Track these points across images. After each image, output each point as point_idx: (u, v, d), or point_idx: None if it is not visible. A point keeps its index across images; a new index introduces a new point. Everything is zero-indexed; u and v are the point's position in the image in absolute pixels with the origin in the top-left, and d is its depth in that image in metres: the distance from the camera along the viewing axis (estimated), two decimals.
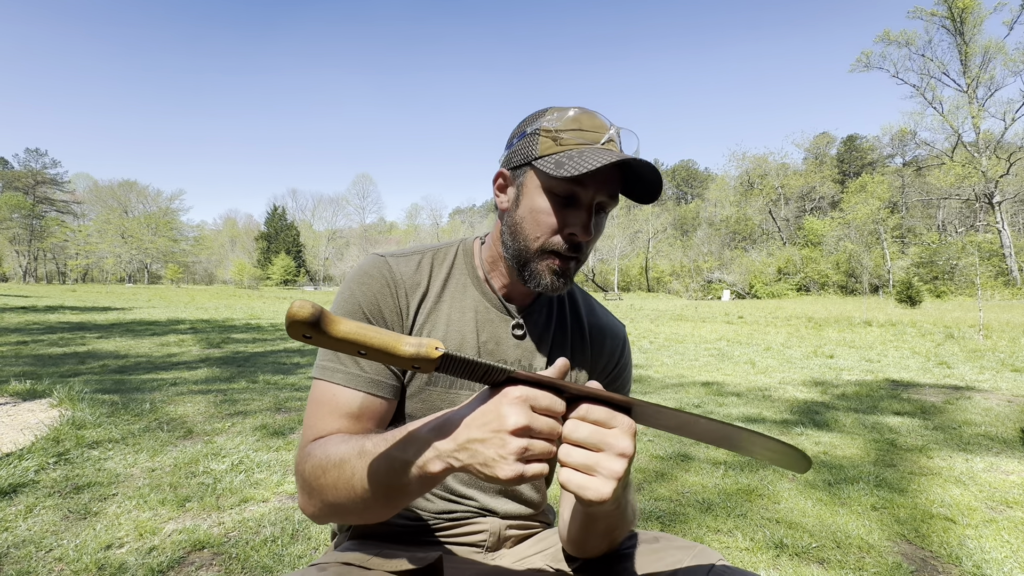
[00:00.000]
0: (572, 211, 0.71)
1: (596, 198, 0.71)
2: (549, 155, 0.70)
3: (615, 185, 0.72)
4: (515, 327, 0.82)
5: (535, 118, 0.74)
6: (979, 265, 33.83)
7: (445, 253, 0.84)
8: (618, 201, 0.74)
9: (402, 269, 0.78)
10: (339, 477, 0.59)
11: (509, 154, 0.77)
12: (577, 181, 0.69)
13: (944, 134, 42.63)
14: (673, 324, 13.43)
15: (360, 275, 0.77)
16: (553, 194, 0.71)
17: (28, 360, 5.66)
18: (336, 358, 0.72)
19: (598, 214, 0.73)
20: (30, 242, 64.37)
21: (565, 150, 0.70)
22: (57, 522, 1.93)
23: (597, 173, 0.68)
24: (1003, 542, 1.91)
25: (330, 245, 74.33)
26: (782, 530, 1.99)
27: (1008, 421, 3.66)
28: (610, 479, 0.46)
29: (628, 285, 59.86)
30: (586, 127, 0.71)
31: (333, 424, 0.69)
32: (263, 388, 4.49)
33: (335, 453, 0.61)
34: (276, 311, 16.37)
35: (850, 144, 60.56)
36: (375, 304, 0.75)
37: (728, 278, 46.49)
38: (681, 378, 5.48)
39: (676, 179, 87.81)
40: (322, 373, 0.72)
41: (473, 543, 0.82)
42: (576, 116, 0.72)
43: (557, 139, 0.70)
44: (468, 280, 0.83)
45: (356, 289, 0.75)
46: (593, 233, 0.72)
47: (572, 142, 0.70)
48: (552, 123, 0.72)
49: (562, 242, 0.72)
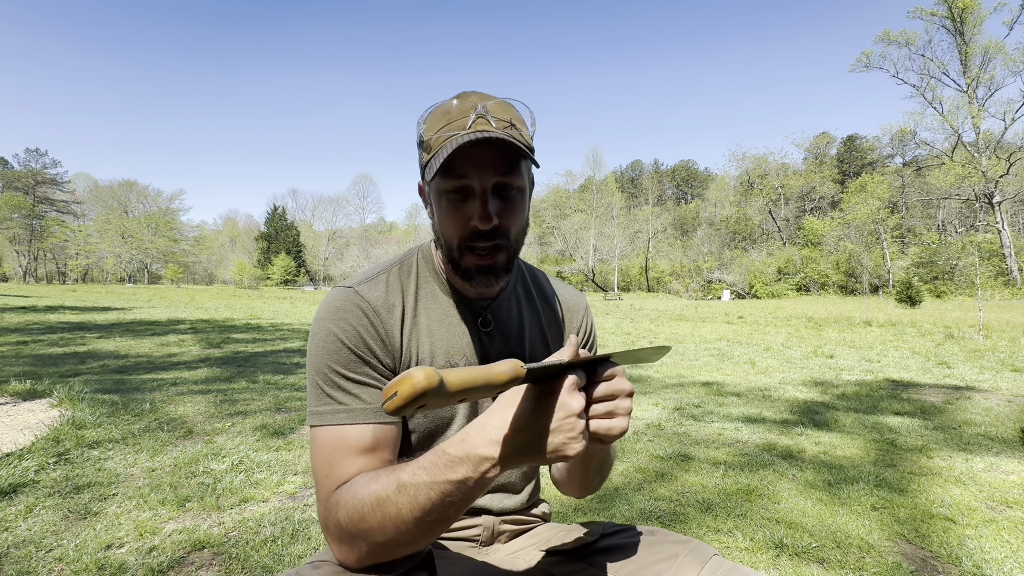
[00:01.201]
0: (469, 203, 0.71)
1: (486, 182, 0.69)
2: (429, 161, 0.71)
3: (501, 163, 0.69)
4: (482, 322, 0.83)
5: (418, 126, 0.75)
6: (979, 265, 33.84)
7: (408, 265, 0.84)
8: (519, 174, 0.72)
9: (373, 295, 0.77)
10: (384, 517, 0.58)
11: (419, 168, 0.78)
12: (458, 175, 0.68)
13: (944, 134, 42.70)
14: (673, 324, 13.43)
15: (333, 312, 0.73)
16: (446, 194, 0.71)
17: (28, 360, 5.66)
18: (331, 400, 0.69)
19: (501, 195, 0.71)
20: (30, 242, 64.38)
21: (436, 153, 0.69)
22: (57, 522, 1.93)
23: (475, 159, 0.68)
24: (1003, 542, 1.91)
25: (330, 245, 74.32)
26: (782, 530, 1.99)
27: (1008, 421, 3.66)
28: (627, 416, 0.58)
29: (628, 285, 59.85)
30: (454, 116, 0.70)
31: (351, 465, 0.66)
32: (263, 388, 4.49)
33: (369, 495, 0.60)
34: (276, 311, 16.38)
35: (850, 144, 60.59)
36: (358, 337, 0.72)
37: (728, 278, 46.49)
38: (681, 378, 5.48)
39: (676, 179, 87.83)
40: (324, 419, 0.69)
41: (467, 538, 0.83)
42: (445, 108, 0.71)
43: (429, 147, 0.71)
44: (435, 286, 0.83)
45: (334, 327, 0.72)
46: (500, 217, 0.71)
47: (441, 140, 0.69)
48: (423, 129, 0.73)
49: (472, 235, 0.71)
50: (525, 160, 0.73)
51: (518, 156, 0.70)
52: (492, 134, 0.66)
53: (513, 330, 0.85)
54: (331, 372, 0.71)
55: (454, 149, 0.65)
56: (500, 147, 0.69)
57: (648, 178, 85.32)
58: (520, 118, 0.74)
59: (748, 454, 2.92)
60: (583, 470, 0.78)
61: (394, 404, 0.44)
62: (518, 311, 0.87)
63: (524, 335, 0.86)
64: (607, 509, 2.19)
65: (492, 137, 0.66)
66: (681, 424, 3.57)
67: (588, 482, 0.81)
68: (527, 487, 0.89)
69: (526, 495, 0.88)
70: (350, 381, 0.71)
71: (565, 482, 0.83)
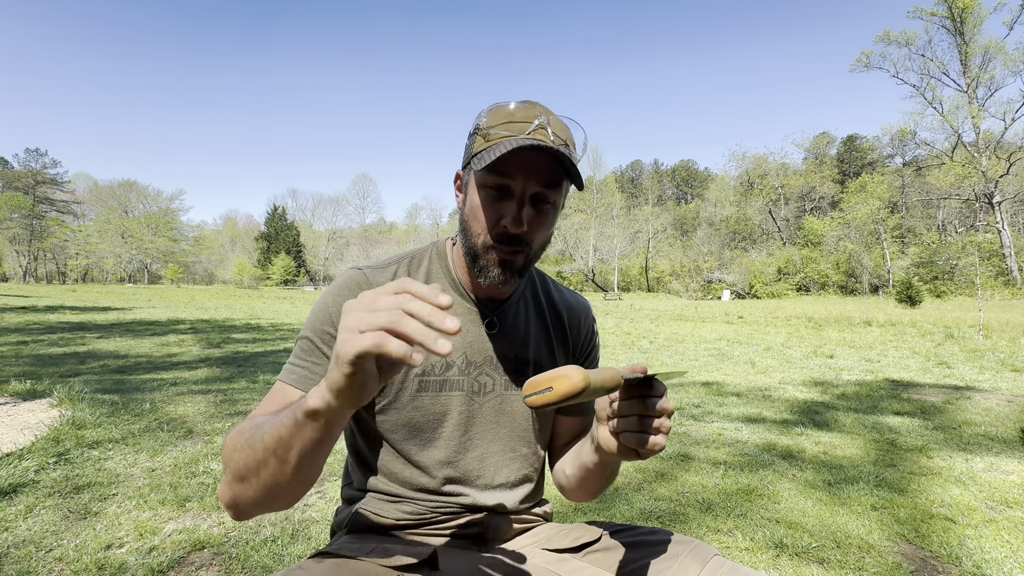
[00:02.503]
0: (505, 203, 0.72)
1: (528, 189, 0.71)
2: (480, 152, 0.72)
3: (547, 174, 0.71)
4: (488, 324, 0.84)
5: (478, 117, 0.76)
6: (979, 265, 33.84)
7: (420, 258, 0.86)
8: (559, 190, 0.74)
9: (379, 280, 0.79)
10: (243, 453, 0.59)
11: (464, 155, 0.80)
12: (504, 173, 0.70)
13: (944, 134, 42.66)
14: (673, 324, 13.43)
15: (337, 287, 0.77)
16: (487, 188, 0.73)
17: (28, 360, 5.66)
18: (296, 360, 0.74)
19: (537, 206, 0.73)
20: (30, 242, 64.35)
21: (492, 144, 0.71)
22: (57, 522, 1.93)
23: (524, 164, 0.70)
24: (1003, 542, 1.91)
25: (330, 245, 74.30)
26: (782, 530, 1.99)
27: (1008, 421, 3.66)
28: (667, 434, 0.61)
29: (628, 285, 59.83)
30: (517, 118, 0.71)
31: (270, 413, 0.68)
32: (263, 388, 4.49)
33: (243, 430, 0.62)
34: (276, 311, 16.37)
35: (850, 144, 60.58)
36: None
37: (728, 278, 46.48)
38: (681, 378, 5.48)
39: (676, 179, 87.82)
40: (281, 375, 0.74)
41: (469, 536, 0.83)
42: (510, 109, 0.72)
43: (487, 136, 0.72)
44: (445, 282, 0.84)
45: (330, 299, 0.76)
46: (529, 226, 0.72)
47: (499, 136, 0.71)
48: (483, 120, 0.74)
49: (499, 235, 0.73)
50: (566, 181, 0.75)
51: (564, 174, 0.73)
52: (549, 145, 0.67)
53: (519, 335, 0.86)
54: (307, 339, 0.75)
55: (510, 149, 0.67)
56: (551, 160, 0.71)
57: (648, 178, 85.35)
58: (574, 140, 0.76)
59: (748, 454, 2.92)
60: (602, 476, 0.78)
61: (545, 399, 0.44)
62: (525, 316, 0.88)
63: (529, 340, 0.87)
64: (607, 509, 2.19)
65: (548, 148, 0.68)
66: (681, 424, 3.57)
67: (601, 488, 0.82)
68: (530, 486, 0.89)
69: (528, 494, 0.88)
70: (318, 351, 0.74)
71: (578, 489, 0.84)
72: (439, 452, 0.81)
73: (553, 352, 0.90)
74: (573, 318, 0.93)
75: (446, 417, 0.81)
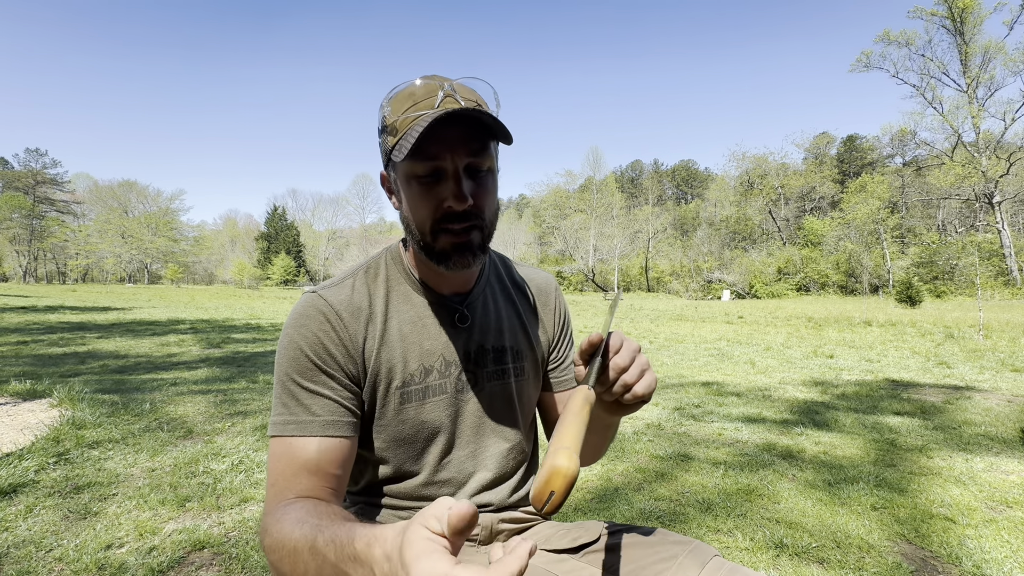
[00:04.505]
0: (441, 185, 0.69)
1: (459, 162, 0.68)
2: (396, 146, 0.69)
3: (472, 142, 0.68)
4: (459, 319, 0.82)
5: (380, 111, 0.73)
6: (979, 265, 33.81)
7: (376, 267, 0.82)
8: (489, 153, 0.71)
9: (337, 298, 0.76)
10: (293, 566, 0.59)
11: (381, 155, 0.77)
12: (429, 156, 0.67)
13: (944, 134, 42.61)
14: (673, 324, 13.43)
15: (296, 318, 0.74)
16: (417, 177, 0.70)
17: (28, 360, 5.66)
18: (286, 410, 0.70)
19: (474, 177, 0.71)
20: (30, 242, 64.33)
21: (405, 132, 0.68)
22: (57, 522, 1.93)
23: (446, 139, 0.67)
24: (1003, 542, 1.91)
25: (330, 245, 74.27)
26: (782, 530, 1.99)
27: (1008, 421, 3.66)
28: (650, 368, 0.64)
29: (628, 285, 59.84)
30: (419, 97, 0.69)
31: (295, 483, 0.67)
32: (263, 388, 4.49)
33: (290, 539, 0.60)
34: (276, 311, 16.37)
35: (850, 144, 60.55)
36: (318, 343, 0.72)
37: (728, 278, 46.45)
38: (681, 378, 5.48)
39: (676, 179, 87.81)
40: (275, 429, 0.70)
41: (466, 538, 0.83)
42: (408, 91, 0.70)
43: (394, 130, 0.70)
44: (407, 287, 0.81)
45: (294, 333, 0.73)
46: (473, 198, 0.70)
47: (408, 121, 0.68)
48: (387, 111, 0.71)
49: (446, 216, 0.70)
50: (493, 141, 0.72)
51: (487, 135, 0.69)
52: (463, 109, 0.65)
53: (492, 323, 0.85)
54: (289, 381, 0.71)
55: (425, 127, 0.63)
56: (471, 125, 0.67)
57: (648, 178, 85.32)
58: (483, 99, 0.74)
59: (748, 454, 2.92)
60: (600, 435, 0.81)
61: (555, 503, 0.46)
62: (494, 303, 0.87)
63: (503, 326, 0.86)
64: (607, 509, 2.19)
65: (464, 113, 0.65)
66: (681, 424, 3.57)
67: (601, 448, 0.84)
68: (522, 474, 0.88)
69: (520, 480, 0.88)
70: (305, 391, 0.71)
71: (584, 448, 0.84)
72: (431, 457, 0.80)
73: (528, 333, 0.88)
74: (542, 295, 0.93)
75: (433, 424, 0.80)
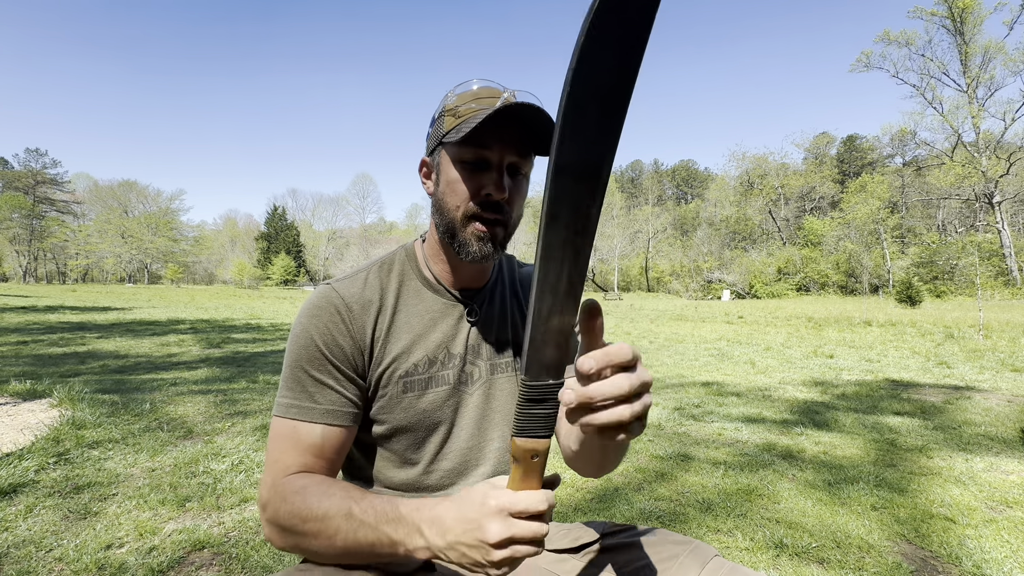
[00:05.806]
0: (484, 174, 0.74)
1: (505, 158, 0.73)
2: (452, 129, 0.74)
3: (520, 145, 0.74)
4: (468, 313, 0.84)
5: (443, 99, 0.79)
6: (979, 265, 33.80)
7: (390, 263, 0.85)
8: (530, 161, 0.77)
9: (350, 291, 0.79)
10: (321, 530, 0.63)
11: (428, 143, 0.82)
12: (480, 144, 0.72)
13: (944, 134, 42.61)
14: (673, 324, 13.43)
15: (311, 308, 0.77)
16: (463, 162, 0.74)
17: (28, 360, 5.67)
18: (292, 394, 0.74)
19: (513, 177, 0.76)
20: (30, 242, 64.32)
21: (464, 120, 0.73)
22: (57, 522, 1.93)
23: (500, 134, 0.72)
24: (1003, 542, 1.91)
25: (330, 245, 74.28)
26: (782, 530, 1.99)
27: (1008, 421, 3.66)
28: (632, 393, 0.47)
29: (628, 285, 59.83)
30: (483, 96, 0.75)
31: (298, 459, 0.71)
32: (263, 388, 4.49)
33: (318, 507, 0.64)
34: (276, 311, 16.37)
35: (850, 144, 60.53)
36: (329, 335, 0.75)
37: (728, 278, 46.47)
38: (681, 378, 5.48)
39: (676, 179, 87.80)
40: (280, 411, 0.73)
41: None
42: (473, 89, 0.76)
43: (456, 113, 0.74)
44: (419, 283, 0.84)
45: (308, 323, 0.76)
46: (510, 193, 0.75)
47: (470, 111, 0.73)
48: (451, 100, 0.76)
49: (483, 203, 0.75)
50: (536, 151, 0.77)
51: (536, 141, 0.74)
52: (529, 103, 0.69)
53: (499, 319, 0.87)
54: (298, 368, 0.74)
55: (487, 115, 0.68)
56: (525, 127, 0.72)
57: (648, 178, 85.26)
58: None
59: (748, 454, 2.92)
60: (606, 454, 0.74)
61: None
62: (502, 300, 0.89)
63: (508, 322, 0.88)
64: (607, 509, 2.19)
65: (523, 109, 0.69)
66: (681, 424, 3.57)
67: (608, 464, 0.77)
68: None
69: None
70: (312, 380, 0.74)
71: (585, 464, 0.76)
72: (431, 448, 0.81)
73: None
74: None
75: (434, 414, 0.81)
